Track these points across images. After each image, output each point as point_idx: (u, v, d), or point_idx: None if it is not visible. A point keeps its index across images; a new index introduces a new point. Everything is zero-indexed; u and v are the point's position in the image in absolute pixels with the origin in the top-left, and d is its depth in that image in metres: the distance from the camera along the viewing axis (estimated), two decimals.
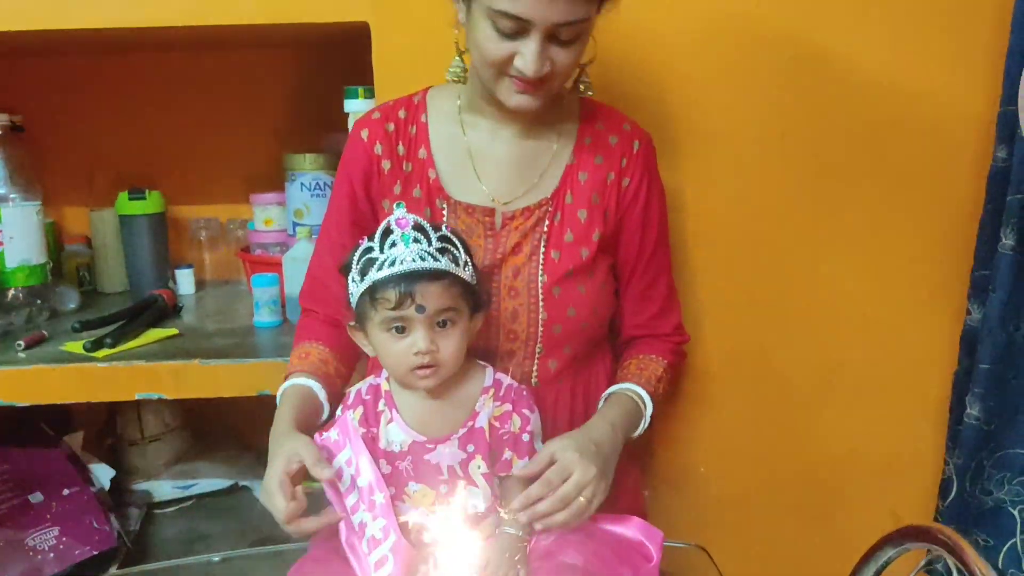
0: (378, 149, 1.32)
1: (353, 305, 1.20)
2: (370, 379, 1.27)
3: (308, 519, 1.11)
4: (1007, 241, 1.44)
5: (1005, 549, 1.51)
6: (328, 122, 1.89)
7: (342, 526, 1.18)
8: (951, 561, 0.97)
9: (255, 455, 2.13)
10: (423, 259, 1.13)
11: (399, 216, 1.15)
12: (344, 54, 1.70)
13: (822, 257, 1.62)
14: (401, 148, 1.33)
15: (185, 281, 2.06)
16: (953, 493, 1.54)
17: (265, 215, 2.00)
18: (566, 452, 1.18)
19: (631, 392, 1.34)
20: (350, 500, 1.15)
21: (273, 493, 1.10)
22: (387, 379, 1.24)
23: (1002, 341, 1.47)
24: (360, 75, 1.61)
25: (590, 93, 1.32)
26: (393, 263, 1.12)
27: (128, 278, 2.06)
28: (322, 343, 1.34)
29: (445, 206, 1.31)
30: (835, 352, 1.65)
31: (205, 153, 2.14)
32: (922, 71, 1.55)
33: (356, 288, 1.17)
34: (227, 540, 1.82)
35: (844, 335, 1.64)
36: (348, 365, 1.36)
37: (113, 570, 1.66)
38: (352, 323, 1.23)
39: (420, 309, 1.12)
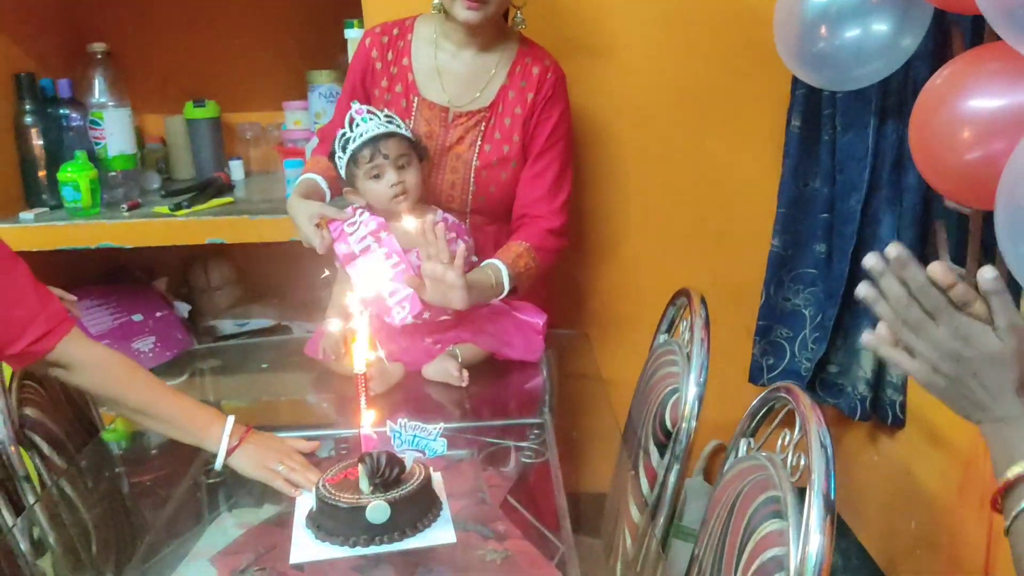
0: (374, 53, 1.93)
1: (343, 174, 1.81)
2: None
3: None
4: (795, 123, 2.07)
5: (799, 338, 2.17)
6: (339, 45, 2.51)
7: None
8: (690, 304, 1.63)
9: (293, 302, 2.78)
10: (379, 127, 1.75)
11: (356, 108, 1.76)
12: None
13: (690, 142, 2.26)
14: (391, 55, 1.92)
15: (236, 169, 2.71)
16: (764, 300, 2.20)
17: (294, 118, 2.64)
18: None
19: (490, 265, 1.78)
20: (357, 234, 1.77)
21: (311, 235, 1.76)
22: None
23: (794, 192, 2.11)
24: (356, 9, 2.23)
25: (522, 27, 1.90)
26: (362, 135, 1.76)
27: (194, 168, 2.72)
28: (327, 157, 1.91)
29: (416, 100, 1.92)
30: (701, 210, 2.31)
31: (247, 71, 2.77)
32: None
33: (342, 160, 1.79)
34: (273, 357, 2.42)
35: (705, 199, 2.30)
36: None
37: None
38: (346, 188, 1.85)
39: (385, 157, 1.75)
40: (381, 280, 1.76)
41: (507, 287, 1.77)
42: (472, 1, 1.78)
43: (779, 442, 1.19)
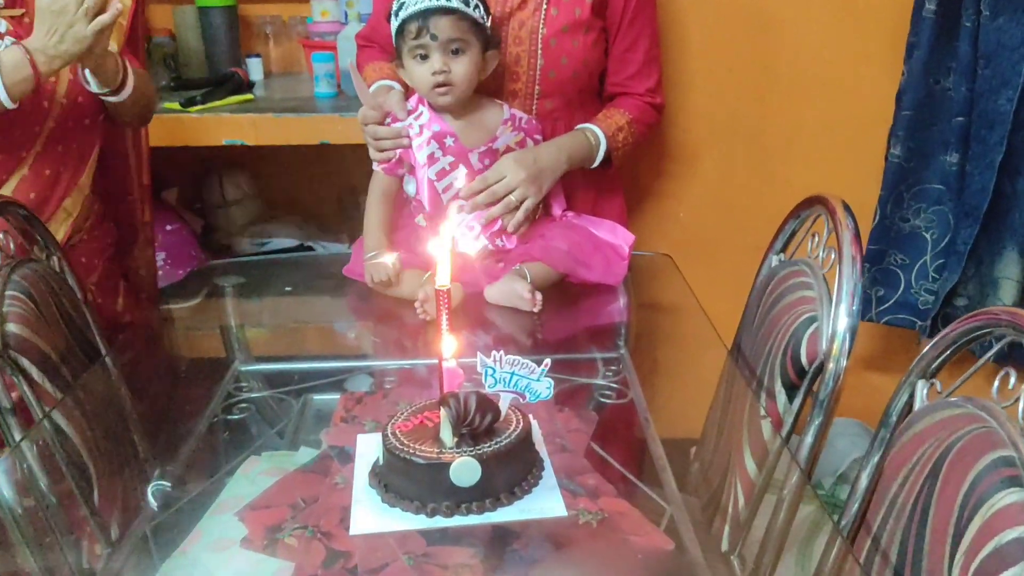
0: None
1: (395, 43, 1.54)
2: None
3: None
4: (929, 6, 1.73)
5: (918, 266, 1.86)
6: None
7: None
8: (827, 216, 1.32)
9: (317, 223, 2.53)
10: (434, 0, 1.46)
11: None
12: None
13: (787, 31, 1.92)
14: None
15: (255, 69, 2.39)
16: (877, 219, 1.88)
17: (321, 7, 2.32)
18: (506, 160, 1.55)
19: (589, 130, 1.67)
20: (418, 140, 1.53)
21: (370, 105, 1.54)
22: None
23: (922, 92, 1.78)
24: None
25: None
26: (413, 4, 1.46)
27: (207, 66, 2.41)
28: (387, 62, 1.68)
29: None
30: (796, 114, 1.98)
31: None
32: None
33: (392, 28, 1.52)
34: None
35: (804, 98, 1.97)
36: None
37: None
38: (396, 61, 1.57)
39: (434, 37, 1.46)
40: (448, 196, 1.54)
41: (599, 159, 1.66)
42: None
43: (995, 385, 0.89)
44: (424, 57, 1.49)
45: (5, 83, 1.36)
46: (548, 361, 0.96)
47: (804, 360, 1.23)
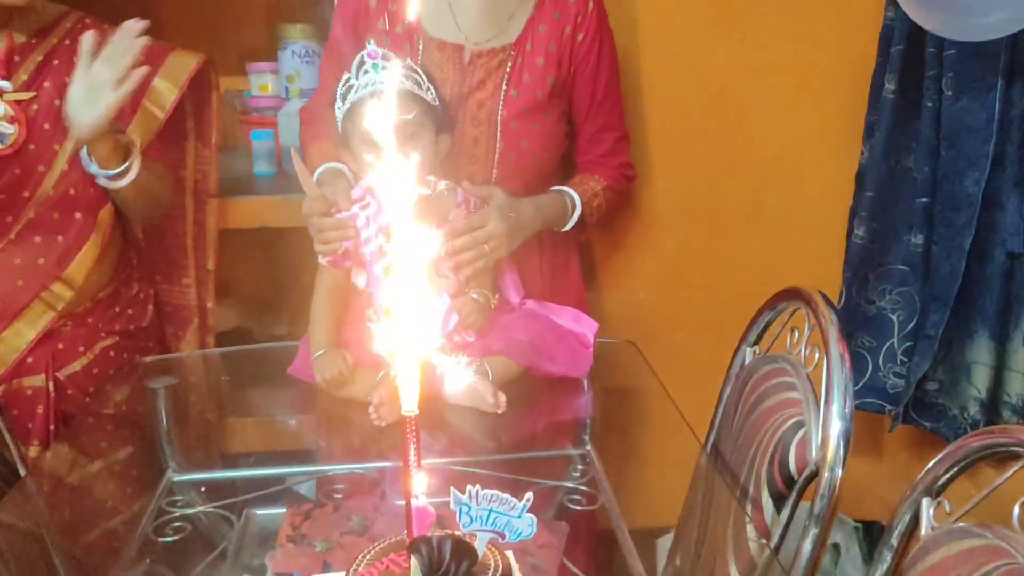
0: None
1: (339, 127, 1.45)
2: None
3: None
4: (889, 87, 1.70)
5: (884, 348, 1.82)
6: None
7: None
8: (807, 311, 1.26)
9: (256, 306, 2.39)
10: (391, 82, 1.37)
11: (370, 50, 1.40)
12: None
13: (745, 111, 1.88)
14: None
15: None
16: (842, 302, 1.84)
17: (260, 82, 2.23)
18: (492, 209, 1.48)
19: (565, 193, 1.62)
20: (366, 233, 1.43)
21: (313, 196, 1.44)
22: None
23: (884, 172, 1.75)
24: None
25: None
26: (367, 86, 1.38)
27: None
28: (331, 141, 1.58)
29: (421, 42, 1.55)
30: (756, 192, 1.93)
31: (202, 25, 2.34)
32: None
33: (340, 111, 1.43)
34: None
35: (763, 177, 1.92)
36: None
37: None
38: (341, 146, 1.48)
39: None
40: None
41: (570, 224, 1.63)
42: None
43: None
44: (375, 143, 1.41)
45: None
46: (530, 496, 0.86)
47: (793, 468, 1.15)
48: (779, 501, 1.18)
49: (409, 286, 1.41)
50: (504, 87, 1.56)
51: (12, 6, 1.43)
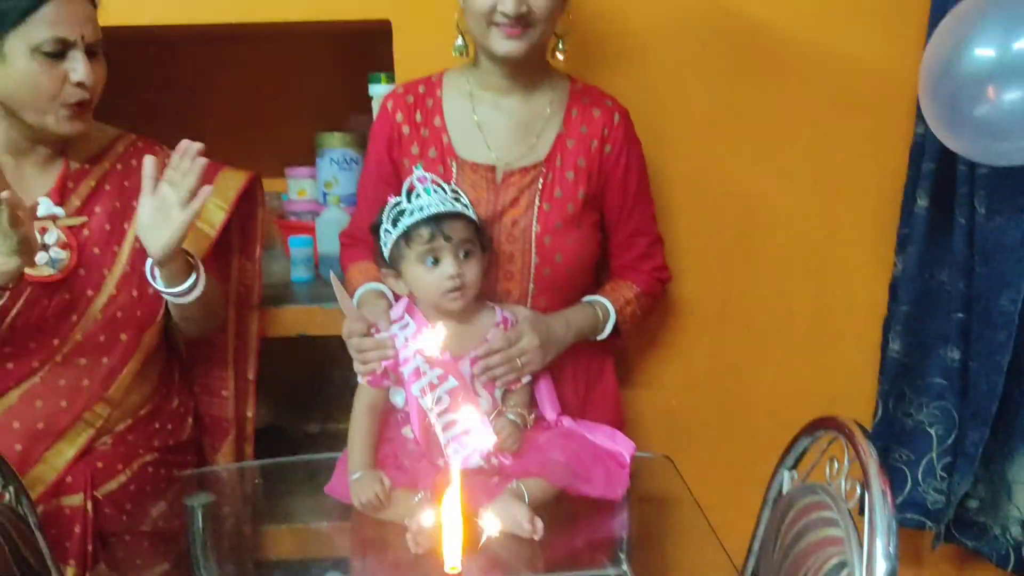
0: (399, 117, 1.62)
1: (386, 253, 1.48)
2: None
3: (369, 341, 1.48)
4: (921, 202, 1.71)
5: (923, 463, 1.79)
6: (354, 104, 2.16)
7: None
8: (844, 441, 1.25)
9: (287, 401, 2.39)
10: (444, 204, 1.43)
11: (419, 175, 1.45)
12: (368, 43, 1.97)
13: (777, 220, 1.90)
14: (419, 116, 1.62)
15: None
16: (879, 415, 1.82)
17: (299, 187, 2.27)
18: (524, 324, 1.51)
19: (596, 302, 1.64)
20: (405, 353, 1.46)
21: (353, 317, 1.49)
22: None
23: (918, 287, 1.75)
24: (381, 62, 1.89)
25: (561, 56, 1.62)
26: (422, 209, 1.42)
27: None
28: (371, 262, 1.63)
29: (455, 164, 1.60)
30: (787, 303, 1.93)
31: (244, 132, 2.41)
32: (857, 61, 1.83)
33: (390, 236, 1.46)
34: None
35: (794, 289, 1.93)
36: None
37: None
38: (385, 269, 1.51)
39: (448, 239, 1.42)
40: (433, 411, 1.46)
41: (606, 333, 1.64)
42: (513, 28, 1.49)
43: None
44: (436, 262, 1.44)
45: None
46: None
47: None
48: None
49: (447, 407, 1.43)
50: (537, 203, 1.59)
51: (69, 135, 1.48)
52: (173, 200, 1.42)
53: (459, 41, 1.60)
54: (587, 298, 1.66)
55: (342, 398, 2.30)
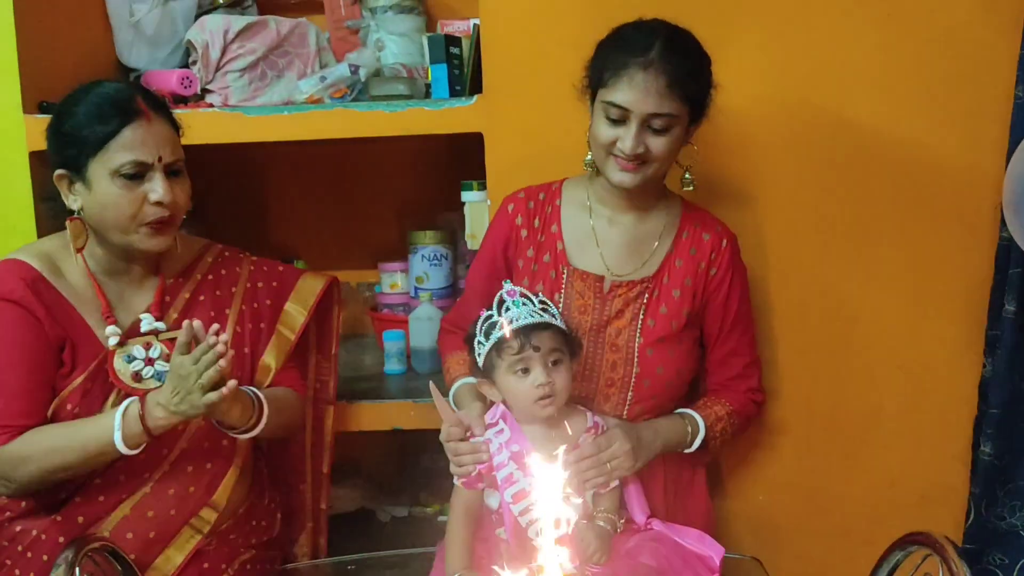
0: (519, 220, 1.71)
1: (480, 363, 1.55)
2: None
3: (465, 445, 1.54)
4: (1009, 307, 1.73)
5: (1018, 567, 1.77)
6: (444, 204, 2.28)
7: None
8: (938, 559, 1.27)
9: (377, 483, 2.49)
10: (532, 316, 1.49)
11: (508, 289, 1.52)
12: (460, 149, 2.05)
13: (866, 319, 1.91)
14: (537, 222, 1.71)
15: None
16: (972, 519, 1.81)
17: (391, 280, 2.37)
18: (615, 430, 1.56)
19: (689, 417, 1.68)
20: (498, 459, 1.51)
21: (450, 423, 1.54)
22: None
23: (1008, 390, 1.75)
24: (471, 167, 1.98)
25: (690, 188, 1.69)
26: (512, 320, 1.49)
27: None
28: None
29: (566, 271, 1.67)
30: (875, 399, 1.94)
31: (341, 229, 2.53)
32: (942, 162, 1.85)
33: (483, 347, 1.53)
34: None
35: (883, 386, 1.93)
36: None
37: None
38: (480, 379, 1.58)
39: (536, 349, 1.48)
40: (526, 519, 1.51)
41: (695, 447, 1.67)
42: (628, 163, 1.56)
43: None
44: (526, 371, 1.50)
45: (124, 434, 1.43)
46: None
47: None
48: None
49: (541, 516, 1.47)
50: (642, 317, 1.65)
51: (154, 251, 1.55)
52: (191, 383, 1.41)
53: (589, 156, 1.65)
54: (679, 410, 1.69)
55: (429, 483, 2.40)
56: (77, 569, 1.27)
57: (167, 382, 1.45)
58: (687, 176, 1.68)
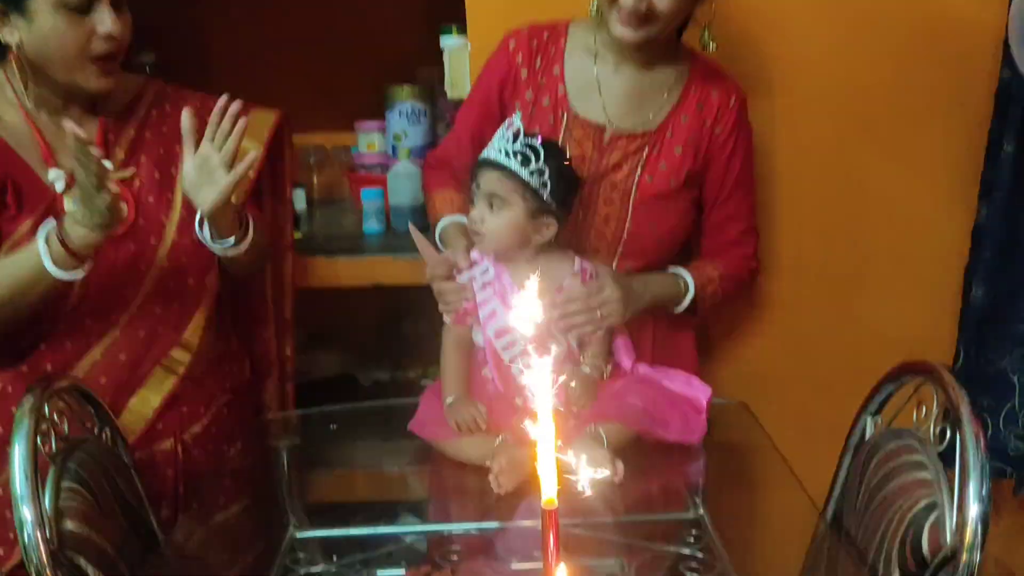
0: (519, 59, 1.61)
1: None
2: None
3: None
4: (1008, 148, 1.68)
5: (1004, 411, 1.77)
6: (423, 57, 2.16)
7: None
8: (933, 386, 1.24)
9: (357, 350, 2.48)
10: (498, 152, 1.42)
11: (516, 117, 1.44)
12: None
13: (857, 164, 1.86)
14: (539, 62, 1.60)
15: (298, 199, 2.31)
16: (960, 362, 1.81)
17: (368, 140, 2.30)
18: (605, 276, 1.51)
19: (680, 276, 1.63)
20: (481, 296, 1.48)
21: (434, 262, 1.50)
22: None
23: (1003, 234, 1.72)
24: (451, 14, 1.87)
25: (712, 47, 1.57)
26: (487, 150, 1.44)
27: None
28: (455, 190, 1.64)
29: (566, 117, 1.59)
30: (865, 249, 1.90)
31: (312, 85, 2.40)
32: (942, 4, 1.78)
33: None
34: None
35: (873, 233, 1.89)
36: None
37: None
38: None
39: (477, 186, 1.45)
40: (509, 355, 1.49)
41: (683, 307, 1.63)
42: (628, 16, 1.45)
43: None
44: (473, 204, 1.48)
45: (52, 257, 1.34)
46: None
47: (926, 551, 1.13)
48: None
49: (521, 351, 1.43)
50: (639, 171, 1.58)
51: (101, 91, 1.46)
52: (216, 162, 1.39)
53: (593, 3, 1.54)
54: (670, 268, 1.65)
55: (411, 347, 2.38)
56: (47, 408, 1.22)
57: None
58: (706, 35, 1.57)
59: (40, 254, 1.33)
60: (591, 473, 1.35)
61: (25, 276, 1.36)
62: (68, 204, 1.43)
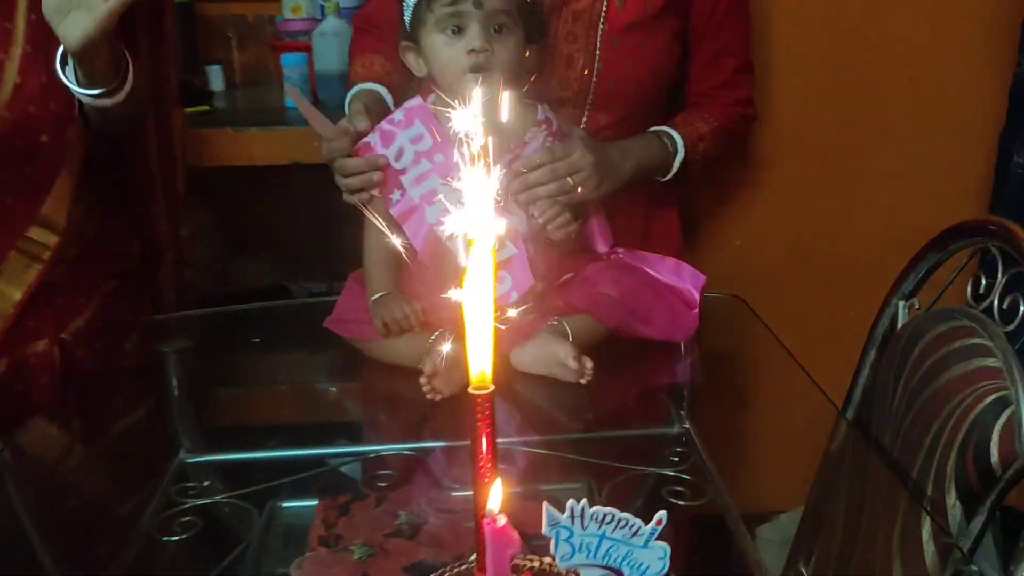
0: None
1: (407, 17, 1.18)
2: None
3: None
4: (1019, 159, 1.47)
5: None
6: None
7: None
8: (1001, 250, 0.96)
9: (291, 258, 2.22)
10: None
11: None
12: None
13: (873, 19, 1.60)
14: None
15: (215, 77, 2.03)
16: None
17: (293, 3, 1.97)
18: (575, 139, 1.21)
19: (665, 135, 1.35)
20: (414, 171, 1.17)
21: (330, 135, 1.20)
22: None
23: None
24: None
25: None
26: None
27: None
28: (382, 56, 1.34)
29: None
30: (880, 121, 1.65)
31: None
32: None
33: None
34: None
35: (891, 101, 1.64)
36: (406, 81, 1.35)
37: None
38: (404, 42, 1.21)
39: (478, 5, 1.11)
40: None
41: (674, 171, 1.36)
42: None
43: None
44: (458, 30, 1.13)
45: None
46: (663, 516, 0.57)
47: (995, 460, 0.85)
48: (971, 502, 0.88)
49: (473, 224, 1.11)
50: None
51: None
52: None
53: None
54: (653, 128, 1.36)
55: (351, 255, 2.12)
56: None
57: None
58: None
59: None
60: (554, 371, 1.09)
61: None
62: None
